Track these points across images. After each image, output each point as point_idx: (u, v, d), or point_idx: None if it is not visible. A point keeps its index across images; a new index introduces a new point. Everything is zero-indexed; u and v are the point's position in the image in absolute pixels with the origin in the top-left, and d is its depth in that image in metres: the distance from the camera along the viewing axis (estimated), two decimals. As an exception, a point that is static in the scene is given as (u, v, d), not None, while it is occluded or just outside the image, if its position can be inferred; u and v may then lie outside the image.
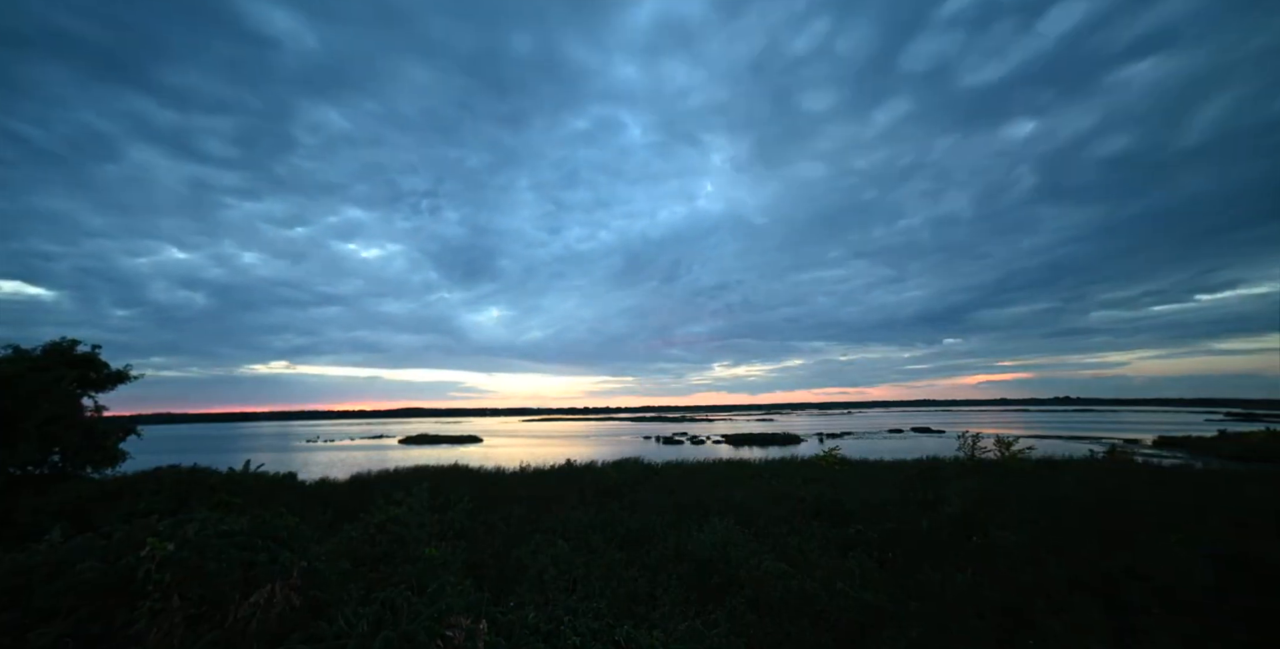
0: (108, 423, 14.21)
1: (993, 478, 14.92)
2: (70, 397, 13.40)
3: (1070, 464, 18.58)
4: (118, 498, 11.55)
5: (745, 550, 7.58)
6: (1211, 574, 6.46)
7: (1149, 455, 24.91)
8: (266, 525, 6.56)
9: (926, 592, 6.41)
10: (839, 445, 24.08)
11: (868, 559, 7.57)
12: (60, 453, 13.14)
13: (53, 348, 13.64)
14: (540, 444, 55.18)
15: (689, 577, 7.14)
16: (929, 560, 7.47)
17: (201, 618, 4.84)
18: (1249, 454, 27.38)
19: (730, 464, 20.87)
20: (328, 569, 5.92)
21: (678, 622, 5.50)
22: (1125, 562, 7.08)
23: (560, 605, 5.60)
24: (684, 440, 56.76)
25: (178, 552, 5.15)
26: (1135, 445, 34.45)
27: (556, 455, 24.68)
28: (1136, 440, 38.76)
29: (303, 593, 5.28)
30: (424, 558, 6.86)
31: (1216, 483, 13.81)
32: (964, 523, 9.22)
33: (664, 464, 20.75)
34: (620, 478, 16.02)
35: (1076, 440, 40.83)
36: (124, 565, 5.12)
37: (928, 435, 54.90)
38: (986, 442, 19.74)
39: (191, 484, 12.73)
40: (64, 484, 12.17)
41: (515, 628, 4.90)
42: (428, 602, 5.10)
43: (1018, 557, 7.49)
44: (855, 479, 15.41)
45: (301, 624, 4.87)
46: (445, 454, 37.23)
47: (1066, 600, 6.10)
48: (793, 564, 7.31)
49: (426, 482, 10.95)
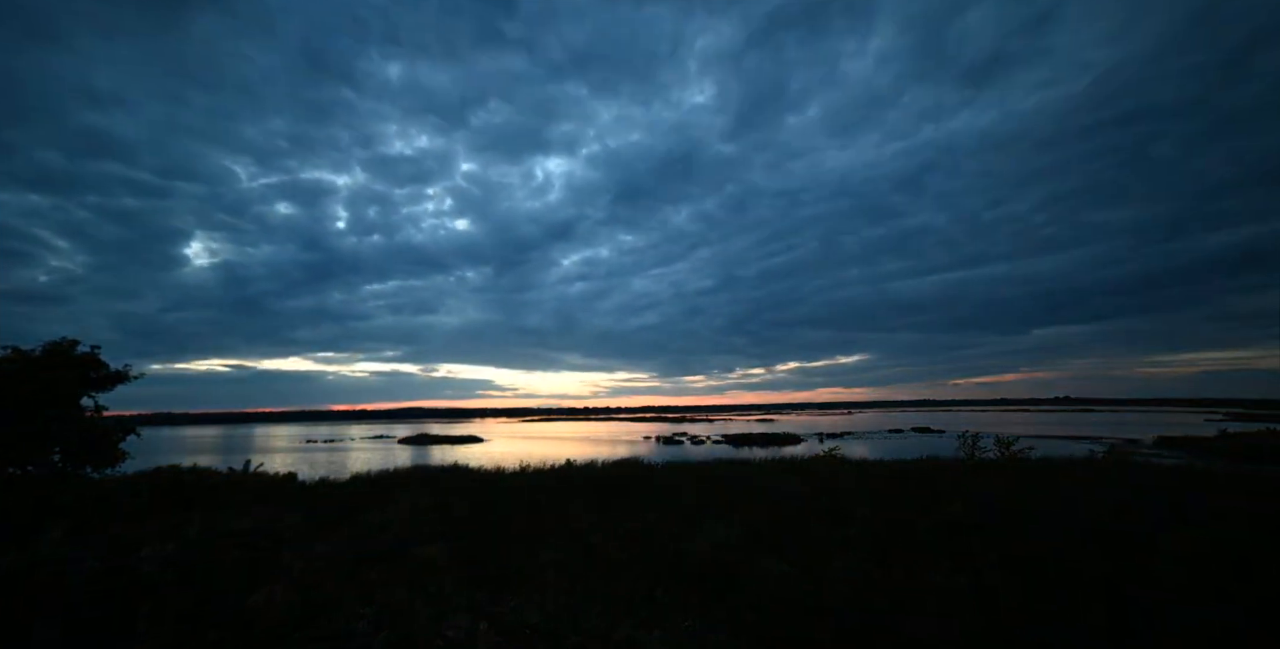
0: (108, 423, 14.21)
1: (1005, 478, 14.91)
2: (70, 397, 13.40)
3: (1072, 464, 18.58)
4: (118, 498, 11.56)
5: (745, 550, 7.58)
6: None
7: (1149, 455, 24.92)
8: (266, 525, 6.57)
9: (926, 593, 6.41)
10: (839, 445, 24.12)
11: (867, 559, 7.57)
12: (60, 453, 13.14)
13: (53, 348, 13.63)
14: (540, 444, 55.19)
15: (689, 577, 7.14)
16: (928, 561, 7.47)
17: (202, 618, 4.84)
18: (1248, 453, 27.40)
19: (730, 464, 20.86)
20: (328, 569, 5.92)
21: (678, 622, 5.51)
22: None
23: (560, 605, 5.60)
24: (684, 440, 56.76)
25: (178, 551, 5.16)
26: (1136, 445, 34.52)
27: (557, 455, 24.68)
28: (1137, 440, 38.84)
29: (303, 593, 5.29)
30: (424, 558, 6.87)
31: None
32: (964, 523, 9.22)
33: (664, 464, 20.75)
34: (620, 478, 16.02)
35: (1076, 440, 40.88)
36: (125, 565, 5.13)
37: (928, 435, 54.91)
38: (986, 442, 19.78)
39: (192, 484, 12.75)
40: (64, 484, 12.18)
41: (515, 628, 4.90)
42: (428, 601, 5.10)
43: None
44: (854, 479, 15.41)
45: (302, 624, 4.87)
46: (445, 454, 37.25)
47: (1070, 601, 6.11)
48: (792, 564, 7.31)
49: (426, 482, 10.95)
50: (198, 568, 5.05)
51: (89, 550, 5.48)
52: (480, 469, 20.24)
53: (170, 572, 4.94)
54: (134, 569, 5.00)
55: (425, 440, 63.22)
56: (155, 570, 4.92)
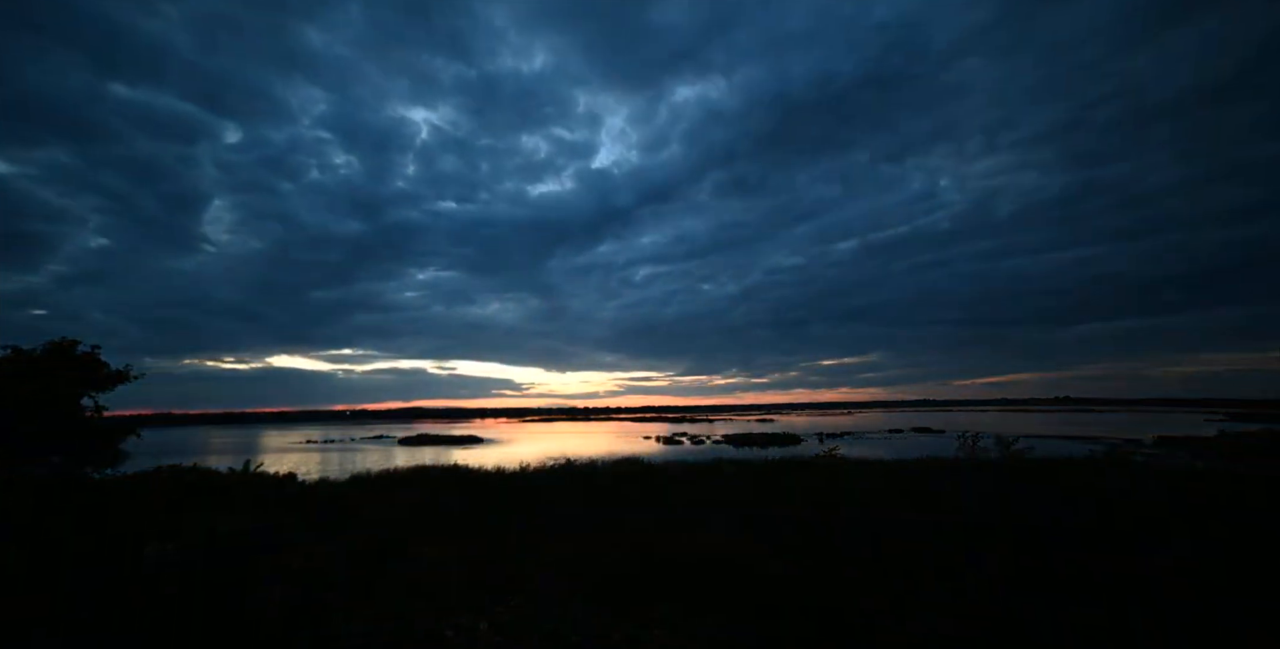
0: (108, 423, 14.22)
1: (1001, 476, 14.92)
2: (70, 397, 13.42)
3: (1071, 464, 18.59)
4: (118, 498, 11.56)
5: (745, 550, 7.58)
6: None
7: (1149, 455, 24.94)
8: (266, 525, 6.58)
9: (925, 594, 6.42)
10: (839, 445, 24.14)
11: (867, 559, 7.57)
12: (60, 453, 13.16)
13: (53, 348, 13.65)
14: (540, 444, 55.20)
15: (689, 576, 7.14)
16: (927, 561, 7.48)
17: (202, 618, 4.85)
18: (1248, 453, 27.40)
19: (730, 464, 20.88)
20: (328, 569, 5.93)
21: (678, 620, 5.51)
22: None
23: (560, 605, 5.61)
24: (684, 440, 56.77)
25: (178, 552, 5.16)
26: (1136, 445, 34.54)
27: (556, 455, 24.70)
28: (1137, 440, 38.87)
29: (304, 593, 5.29)
30: (424, 557, 6.87)
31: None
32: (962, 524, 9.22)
33: (664, 464, 20.77)
34: (620, 477, 16.04)
35: (1076, 440, 40.92)
36: (124, 565, 5.14)
37: (927, 435, 54.95)
38: (986, 442, 19.79)
39: (192, 484, 12.75)
40: (64, 485, 12.18)
41: (516, 627, 4.90)
42: (428, 601, 5.10)
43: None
44: (853, 479, 15.42)
45: (302, 624, 4.88)
46: (445, 455, 37.28)
47: (1069, 601, 6.12)
48: (792, 564, 7.31)
49: (426, 482, 10.97)
50: (198, 568, 5.05)
51: (89, 550, 5.48)
52: (480, 469, 20.25)
53: (170, 571, 4.94)
54: (134, 569, 5.00)
55: (425, 441, 63.21)
56: (155, 570, 4.93)
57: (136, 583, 4.90)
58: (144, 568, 4.95)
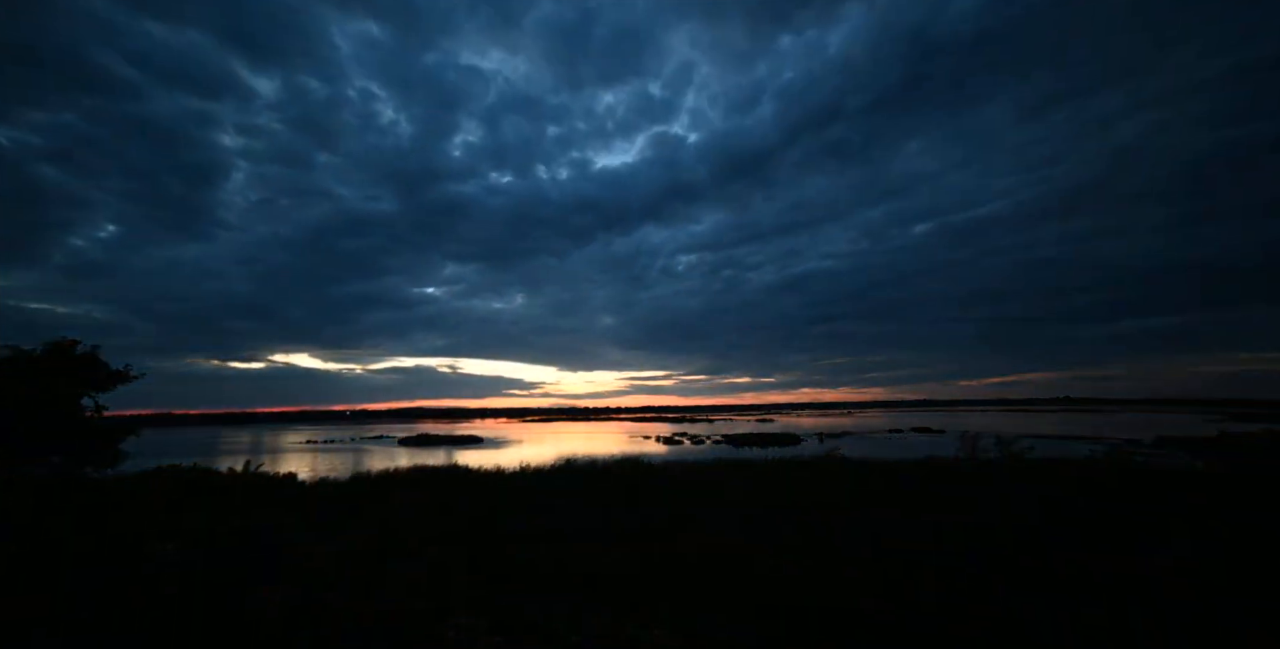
0: (108, 423, 14.22)
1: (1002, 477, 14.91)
2: (70, 397, 13.42)
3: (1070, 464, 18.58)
4: (118, 498, 11.56)
5: (745, 550, 7.57)
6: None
7: (1149, 455, 24.90)
8: (266, 525, 6.58)
9: (925, 594, 6.41)
10: (839, 445, 24.12)
11: (867, 559, 7.57)
12: (60, 453, 13.15)
13: (53, 348, 13.65)
14: (541, 445, 55.19)
15: (689, 575, 7.14)
16: (924, 561, 7.48)
17: (203, 618, 4.85)
18: (1247, 453, 27.37)
19: (730, 464, 20.88)
20: (328, 569, 5.93)
21: (678, 619, 5.51)
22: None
23: (561, 604, 5.60)
24: (684, 440, 56.76)
25: (178, 552, 5.16)
26: (1136, 445, 34.52)
27: (556, 455, 24.70)
28: (1137, 440, 38.84)
29: (304, 593, 5.29)
30: (423, 557, 6.87)
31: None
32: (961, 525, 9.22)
33: (664, 463, 20.76)
34: (619, 477, 16.03)
35: (1076, 440, 40.90)
36: (124, 565, 5.14)
37: (927, 435, 54.93)
38: (987, 441, 19.77)
39: (192, 484, 12.74)
40: (64, 485, 12.18)
41: (516, 627, 4.90)
42: (428, 601, 5.10)
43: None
44: (853, 479, 15.42)
45: (302, 624, 4.88)
46: (446, 455, 37.28)
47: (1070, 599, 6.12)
48: (792, 564, 7.31)
49: (425, 482, 10.97)
50: (198, 568, 5.05)
51: (89, 550, 5.48)
52: (480, 469, 20.24)
53: (170, 571, 4.94)
54: (134, 569, 5.00)
55: (426, 441, 63.20)
56: (155, 570, 4.92)
57: (136, 583, 4.90)
58: (144, 568, 4.95)
